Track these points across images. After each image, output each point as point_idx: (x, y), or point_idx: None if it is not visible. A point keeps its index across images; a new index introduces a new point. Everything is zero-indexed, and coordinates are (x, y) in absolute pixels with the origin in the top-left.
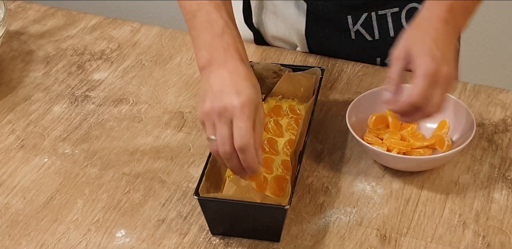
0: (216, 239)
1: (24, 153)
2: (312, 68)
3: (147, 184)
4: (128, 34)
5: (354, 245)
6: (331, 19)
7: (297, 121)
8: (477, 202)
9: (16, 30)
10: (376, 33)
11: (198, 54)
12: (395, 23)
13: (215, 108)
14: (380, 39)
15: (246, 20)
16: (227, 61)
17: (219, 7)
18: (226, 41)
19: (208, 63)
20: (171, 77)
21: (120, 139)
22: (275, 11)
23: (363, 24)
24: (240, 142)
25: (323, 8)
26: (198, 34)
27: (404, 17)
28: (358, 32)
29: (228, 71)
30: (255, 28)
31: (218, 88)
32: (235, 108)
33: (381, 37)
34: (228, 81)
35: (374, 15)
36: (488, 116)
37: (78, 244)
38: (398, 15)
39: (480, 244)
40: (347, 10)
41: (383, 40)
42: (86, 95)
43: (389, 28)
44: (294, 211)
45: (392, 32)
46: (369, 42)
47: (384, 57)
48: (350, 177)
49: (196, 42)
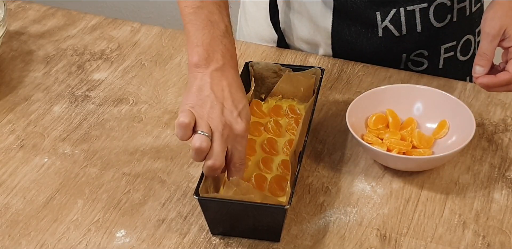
0: (216, 239)
1: (24, 153)
2: (312, 68)
3: (147, 184)
4: (128, 34)
5: (354, 245)
6: (359, 17)
7: (297, 121)
8: (477, 202)
9: (16, 30)
10: (404, 28)
11: (193, 50)
12: (423, 19)
13: (221, 121)
14: (407, 35)
15: (272, 19)
16: (224, 67)
17: (221, 10)
18: (225, 45)
19: (204, 62)
20: (171, 77)
21: (120, 139)
22: (300, 10)
23: (391, 20)
24: (239, 163)
25: (352, 5)
26: (197, 30)
27: (432, 13)
28: (386, 28)
29: (228, 83)
30: (280, 28)
31: (220, 99)
32: (239, 134)
33: (409, 33)
34: (228, 94)
35: (402, 10)
36: (488, 116)
37: (78, 244)
38: (426, 10)
39: (480, 244)
40: (376, 6)
41: (411, 36)
42: (86, 95)
43: (417, 23)
44: (294, 211)
45: (419, 28)
46: (396, 38)
47: (410, 53)
48: (350, 177)
49: (193, 37)
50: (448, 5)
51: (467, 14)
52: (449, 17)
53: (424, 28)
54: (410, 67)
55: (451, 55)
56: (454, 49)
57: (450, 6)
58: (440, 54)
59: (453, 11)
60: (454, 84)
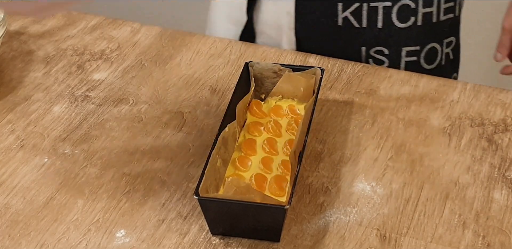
0: (216, 239)
1: (24, 153)
2: (312, 68)
3: (147, 184)
4: (128, 34)
5: (354, 245)
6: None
7: (297, 121)
8: (477, 202)
9: (16, 30)
10: (365, 22)
11: None
12: (385, 16)
13: None
14: (367, 28)
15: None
16: None
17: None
18: None
19: None
20: (171, 77)
21: (120, 139)
22: None
23: (352, 12)
24: None
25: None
26: None
27: (396, 12)
28: (346, 19)
29: None
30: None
31: None
32: None
33: (369, 27)
34: None
35: (365, 6)
36: (488, 116)
37: (78, 244)
38: (389, 9)
39: (480, 244)
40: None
41: (371, 30)
42: (86, 95)
43: (378, 19)
44: (294, 211)
45: (380, 24)
46: (356, 29)
47: (369, 48)
48: (350, 177)
49: None
50: (412, 7)
51: (434, 21)
52: (413, 20)
53: (385, 26)
54: (371, 63)
55: (414, 60)
56: (417, 54)
57: (415, 9)
58: (401, 56)
59: (417, 14)
60: (454, 84)
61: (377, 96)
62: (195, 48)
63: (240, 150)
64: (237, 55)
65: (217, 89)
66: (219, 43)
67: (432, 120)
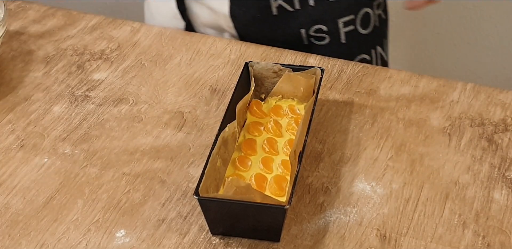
0: (216, 239)
1: (24, 153)
2: (312, 68)
3: (147, 184)
4: (128, 34)
5: (354, 245)
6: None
7: (297, 121)
8: (477, 202)
9: (16, 30)
10: (297, 4)
11: None
12: None
13: None
14: (301, 10)
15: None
16: None
17: None
18: None
19: None
20: (171, 77)
21: (120, 139)
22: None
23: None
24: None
25: None
26: None
27: None
28: (279, 7)
29: None
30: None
31: None
32: None
33: (302, 8)
34: None
35: None
36: (488, 116)
37: (78, 244)
38: None
39: (480, 244)
40: None
41: (304, 10)
42: (86, 95)
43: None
44: (294, 211)
45: (312, 2)
46: (291, 13)
47: (308, 28)
48: (350, 177)
49: None
50: None
51: None
52: None
53: (317, 3)
54: (314, 42)
55: (352, 29)
56: (353, 22)
57: None
58: (339, 28)
59: None
60: (454, 84)
61: (377, 96)
62: (195, 48)
63: (240, 150)
64: (237, 55)
65: (217, 89)
66: (219, 43)
67: (432, 120)
